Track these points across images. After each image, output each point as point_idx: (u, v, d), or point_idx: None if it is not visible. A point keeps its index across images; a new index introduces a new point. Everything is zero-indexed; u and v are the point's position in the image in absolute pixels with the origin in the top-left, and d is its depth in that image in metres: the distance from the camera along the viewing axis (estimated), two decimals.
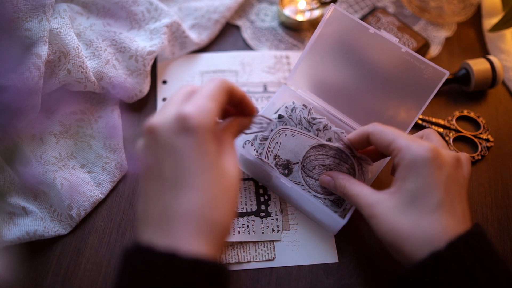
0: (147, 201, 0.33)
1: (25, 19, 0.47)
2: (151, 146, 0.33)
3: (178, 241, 0.31)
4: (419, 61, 0.46)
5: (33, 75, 0.45)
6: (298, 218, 0.49)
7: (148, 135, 0.34)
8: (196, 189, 0.32)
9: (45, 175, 0.47)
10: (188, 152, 0.32)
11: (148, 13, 0.57)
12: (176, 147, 0.32)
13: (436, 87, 0.45)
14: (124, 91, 0.53)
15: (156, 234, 0.32)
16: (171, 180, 0.32)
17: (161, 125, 0.33)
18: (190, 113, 0.32)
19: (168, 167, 0.32)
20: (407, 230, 0.36)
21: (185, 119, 0.32)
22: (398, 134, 0.39)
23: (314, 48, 0.49)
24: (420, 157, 0.37)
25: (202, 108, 0.33)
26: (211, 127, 0.33)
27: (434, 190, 0.36)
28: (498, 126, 0.57)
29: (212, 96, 0.34)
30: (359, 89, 0.49)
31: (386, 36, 0.46)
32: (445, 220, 0.36)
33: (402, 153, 0.38)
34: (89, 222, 0.48)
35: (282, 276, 0.46)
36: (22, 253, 0.45)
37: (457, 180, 0.38)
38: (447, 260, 0.34)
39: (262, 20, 0.64)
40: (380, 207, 0.38)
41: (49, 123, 0.51)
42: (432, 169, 0.36)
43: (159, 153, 0.33)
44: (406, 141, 0.38)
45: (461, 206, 0.37)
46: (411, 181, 0.37)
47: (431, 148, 0.37)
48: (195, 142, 0.32)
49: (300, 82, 0.51)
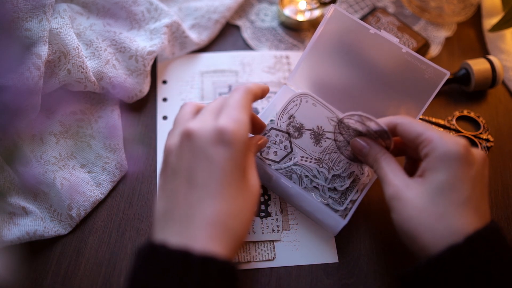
0: (173, 200, 0.35)
1: (25, 19, 0.47)
2: (187, 150, 0.35)
3: (194, 241, 0.32)
4: (420, 62, 0.46)
5: (33, 75, 0.45)
6: (298, 218, 0.49)
7: (185, 139, 0.36)
8: (223, 199, 0.34)
9: (45, 175, 0.47)
10: (222, 163, 0.34)
11: (148, 13, 0.57)
12: (212, 157, 0.34)
13: (436, 87, 0.46)
14: (124, 91, 0.53)
15: (173, 232, 0.33)
16: (201, 186, 0.34)
17: (199, 133, 0.35)
18: (227, 126, 0.35)
19: (201, 173, 0.34)
20: (431, 220, 0.36)
21: (222, 132, 0.35)
22: (428, 126, 0.40)
23: (315, 48, 0.49)
24: (454, 151, 0.37)
25: (237, 121, 0.36)
26: (245, 140, 0.36)
27: (464, 185, 0.36)
28: (498, 126, 0.57)
29: (243, 107, 0.37)
30: (360, 89, 0.49)
31: (387, 37, 0.46)
32: (470, 216, 0.36)
33: (434, 144, 0.38)
34: (89, 222, 0.48)
35: (282, 276, 0.46)
36: (22, 253, 0.45)
37: (484, 178, 0.38)
38: (464, 254, 0.34)
39: (262, 20, 0.64)
40: (408, 191, 0.38)
41: (49, 123, 0.51)
42: (463, 164, 0.37)
43: (194, 158, 0.35)
44: (438, 133, 0.38)
45: (484, 204, 0.38)
46: (442, 173, 0.37)
47: (464, 144, 0.37)
48: (230, 155, 0.34)
49: (301, 83, 0.52)
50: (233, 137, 0.34)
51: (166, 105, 0.56)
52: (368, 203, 0.50)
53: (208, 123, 0.36)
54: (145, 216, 0.49)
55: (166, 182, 0.36)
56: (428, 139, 0.38)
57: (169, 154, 0.37)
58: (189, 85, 0.58)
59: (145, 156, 0.52)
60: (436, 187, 0.37)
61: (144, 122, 0.55)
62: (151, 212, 0.49)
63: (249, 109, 0.38)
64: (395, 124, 0.41)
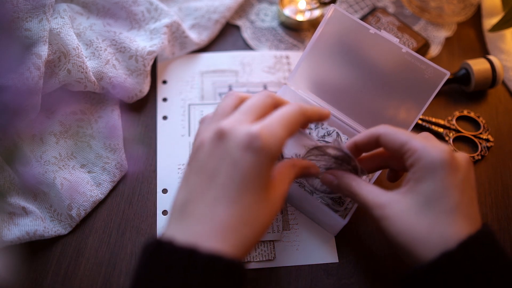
0: (192, 193, 0.35)
1: (25, 19, 0.47)
2: (217, 149, 0.35)
3: (202, 241, 0.32)
4: (420, 62, 0.46)
5: (33, 75, 0.45)
6: (298, 218, 0.49)
7: (217, 138, 0.35)
8: (239, 204, 0.33)
9: (45, 175, 0.47)
10: (245, 169, 0.34)
11: (148, 13, 0.57)
12: (237, 161, 0.34)
13: (436, 87, 0.45)
14: (124, 91, 0.53)
15: (184, 228, 0.33)
16: (220, 187, 0.34)
17: (232, 135, 0.35)
18: (261, 135, 0.34)
19: (223, 174, 0.34)
20: (422, 232, 0.36)
21: (254, 139, 0.34)
22: (411, 135, 0.39)
23: (315, 48, 0.49)
24: (438, 159, 0.36)
25: (273, 135, 0.35)
26: (274, 155, 0.35)
27: (451, 193, 0.36)
28: (498, 126, 0.57)
29: (287, 124, 0.36)
30: (360, 90, 0.49)
31: (387, 37, 0.46)
32: (461, 223, 0.36)
33: (418, 153, 0.37)
34: (89, 222, 0.48)
35: (282, 276, 0.46)
36: (22, 253, 0.45)
37: (471, 182, 0.38)
38: (458, 260, 0.34)
39: (262, 20, 0.64)
40: (393, 208, 0.38)
41: (49, 123, 0.51)
42: (449, 172, 0.36)
43: (220, 158, 0.34)
44: (422, 142, 0.38)
45: (474, 208, 0.37)
46: (428, 183, 0.37)
47: (448, 150, 0.37)
48: (255, 163, 0.34)
49: (301, 83, 0.52)
50: (263, 146, 0.34)
51: (166, 105, 0.56)
52: None
53: (244, 126, 0.35)
54: (145, 216, 0.49)
55: (191, 174, 0.36)
56: (413, 149, 0.38)
57: (200, 147, 0.36)
58: (189, 85, 0.58)
59: (145, 156, 0.52)
60: (424, 197, 0.37)
61: (144, 122, 0.55)
62: (151, 212, 0.49)
63: (292, 129, 0.37)
64: (378, 135, 0.41)
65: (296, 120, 0.37)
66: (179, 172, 0.52)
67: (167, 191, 0.50)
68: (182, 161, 0.52)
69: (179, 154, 0.53)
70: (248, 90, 0.58)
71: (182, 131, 0.54)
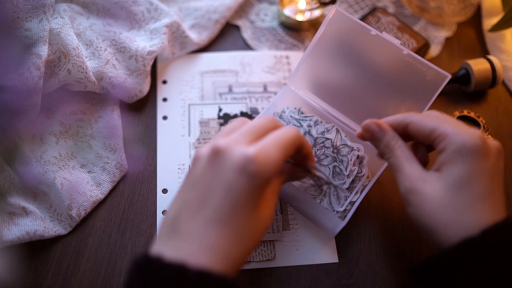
0: (183, 211, 0.34)
1: (25, 19, 0.47)
2: (211, 167, 0.35)
3: (191, 258, 0.32)
4: (421, 63, 0.46)
5: (33, 75, 0.45)
6: (298, 218, 0.49)
7: (212, 156, 0.35)
8: (230, 227, 0.33)
9: (45, 175, 0.47)
10: (239, 193, 0.33)
11: (148, 13, 0.57)
12: (230, 184, 0.33)
13: (437, 89, 0.45)
14: (124, 91, 0.53)
15: (173, 245, 0.33)
16: (213, 208, 0.33)
17: (227, 154, 0.34)
18: (257, 159, 0.33)
19: (215, 196, 0.34)
20: (450, 215, 0.36)
21: (250, 162, 0.33)
22: (441, 120, 0.39)
23: (316, 49, 0.49)
24: (471, 143, 0.36)
25: (269, 158, 0.34)
26: (269, 178, 0.34)
27: (481, 179, 0.36)
28: (498, 126, 0.57)
29: (283, 147, 0.36)
30: (361, 91, 0.49)
31: (388, 38, 0.46)
32: (487, 210, 0.35)
33: (450, 138, 0.37)
34: (89, 222, 0.48)
35: (282, 276, 0.46)
36: (22, 253, 0.45)
37: (500, 170, 0.38)
38: (478, 248, 0.34)
39: (262, 20, 0.64)
40: (426, 185, 0.37)
41: (49, 123, 0.51)
42: (480, 157, 0.36)
43: (215, 178, 0.34)
44: (453, 127, 0.38)
45: (501, 197, 0.37)
46: (460, 167, 0.36)
47: (480, 136, 0.37)
48: (249, 187, 0.33)
49: (301, 83, 0.51)
50: (258, 171, 0.33)
51: (166, 105, 0.56)
52: (368, 203, 0.50)
53: (240, 147, 0.34)
54: (145, 216, 0.49)
55: (185, 189, 0.36)
56: (444, 134, 0.38)
57: (196, 162, 0.36)
58: (189, 85, 0.58)
59: (145, 156, 0.52)
60: (454, 181, 0.36)
61: (144, 122, 0.55)
62: (151, 212, 0.49)
63: (288, 152, 0.36)
64: (406, 123, 0.41)
65: (292, 143, 0.37)
66: (179, 172, 0.52)
67: (167, 191, 0.50)
68: (182, 161, 0.52)
69: (179, 154, 0.53)
70: (248, 90, 0.58)
71: (182, 131, 0.54)
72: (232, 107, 0.56)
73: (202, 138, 0.54)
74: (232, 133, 0.37)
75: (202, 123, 0.55)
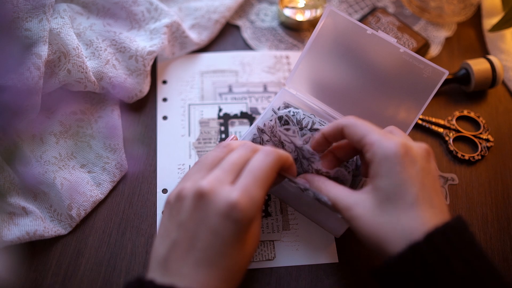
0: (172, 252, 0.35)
1: (25, 19, 0.47)
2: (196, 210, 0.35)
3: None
4: (418, 61, 0.46)
5: (33, 75, 0.45)
6: (298, 218, 0.49)
7: (197, 199, 0.35)
8: (219, 267, 0.35)
9: (45, 175, 0.47)
10: (225, 237, 0.34)
11: (148, 13, 0.57)
12: (217, 229, 0.34)
13: (435, 86, 0.45)
14: (124, 91, 0.53)
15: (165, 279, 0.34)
16: (201, 251, 0.35)
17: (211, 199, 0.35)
18: (239, 203, 0.34)
19: (203, 239, 0.35)
20: (387, 229, 0.35)
21: (233, 209, 0.34)
22: (370, 128, 0.38)
23: (312, 49, 0.49)
24: (391, 153, 0.36)
25: (252, 199, 0.35)
26: (253, 218, 0.36)
27: (409, 186, 0.35)
28: (498, 126, 0.57)
29: (264, 181, 0.36)
30: (359, 90, 0.49)
31: (384, 37, 0.46)
32: (424, 214, 0.35)
33: (374, 148, 0.37)
34: (89, 222, 0.48)
35: (282, 276, 0.46)
36: (22, 253, 0.45)
37: (430, 172, 0.37)
38: (424, 252, 0.33)
39: (262, 20, 0.64)
40: (359, 209, 0.37)
41: (49, 123, 0.51)
42: (404, 165, 0.36)
43: (201, 223, 0.35)
44: (378, 136, 0.37)
45: (437, 198, 0.36)
46: (385, 179, 0.36)
47: (402, 143, 0.36)
48: (235, 232, 0.35)
49: (299, 84, 0.51)
50: (242, 216, 0.34)
51: (166, 105, 0.56)
52: None
53: (223, 189, 0.35)
54: (145, 216, 0.49)
55: (172, 226, 0.36)
56: (370, 143, 0.37)
57: (180, 199, 0.36)
58: (189, 85, 0.58)
59: (145, 156, 0.52)
60: (384, 195, 0.36)
61: (144, 122, 0.55)
62: (151, 212, 0.49)
63: (269, 183, 0.37)
64: (342, 126, 0.40)
65: (272, 171, 0.37)
66: (179, 172, 0.52)
67: (167, 191, 0.50)
68: (182, 161, 0.52)
69: (179, 154, 0.53)
70: (248, 90, 0.58)
71: (182, 131, 0.54)
72: (232, 107, 0.56)
73: (202, 138, 0.54)
74: (214, 169, 0.37)
75: (202, 123, 0.55)
